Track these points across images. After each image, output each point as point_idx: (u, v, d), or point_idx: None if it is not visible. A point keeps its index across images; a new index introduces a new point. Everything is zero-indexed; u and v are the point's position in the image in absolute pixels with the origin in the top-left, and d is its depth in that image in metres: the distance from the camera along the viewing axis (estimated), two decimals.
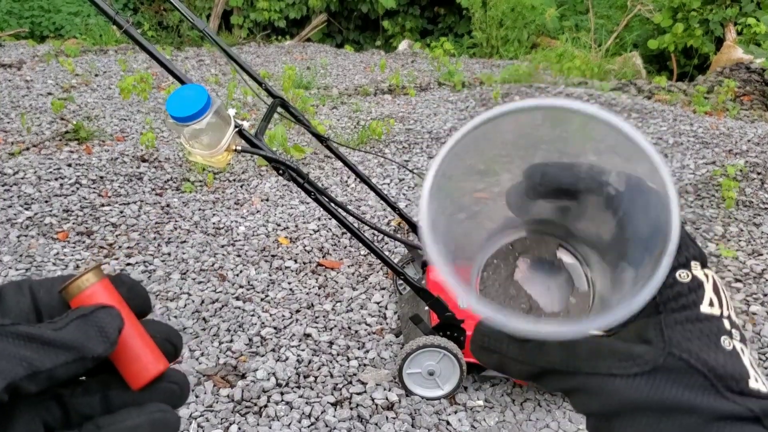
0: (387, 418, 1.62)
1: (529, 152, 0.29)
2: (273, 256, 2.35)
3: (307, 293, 2.14)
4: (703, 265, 0.28)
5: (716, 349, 0.26)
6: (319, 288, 2.17)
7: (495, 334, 0.29)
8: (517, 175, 0.29)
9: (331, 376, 1.77)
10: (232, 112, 1.38)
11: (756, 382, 0.27)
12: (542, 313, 0.31)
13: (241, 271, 2.24)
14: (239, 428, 1.57)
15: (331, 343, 1.90)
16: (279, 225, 2.56)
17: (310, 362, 1.81)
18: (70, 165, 2.98)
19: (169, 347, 0.29)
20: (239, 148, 1.38)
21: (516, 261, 0.33)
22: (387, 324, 2.00)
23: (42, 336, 0.24)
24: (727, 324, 0.27)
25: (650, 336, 0.26)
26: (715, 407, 0.25)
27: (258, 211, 2.69)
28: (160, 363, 0.29)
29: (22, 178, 2.81)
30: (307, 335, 1.93)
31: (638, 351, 0.26)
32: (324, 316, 2.02)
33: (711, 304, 0.27)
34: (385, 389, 1.71)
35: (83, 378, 0.29)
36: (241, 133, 1.38)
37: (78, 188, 2.76)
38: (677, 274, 0.27)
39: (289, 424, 1.59)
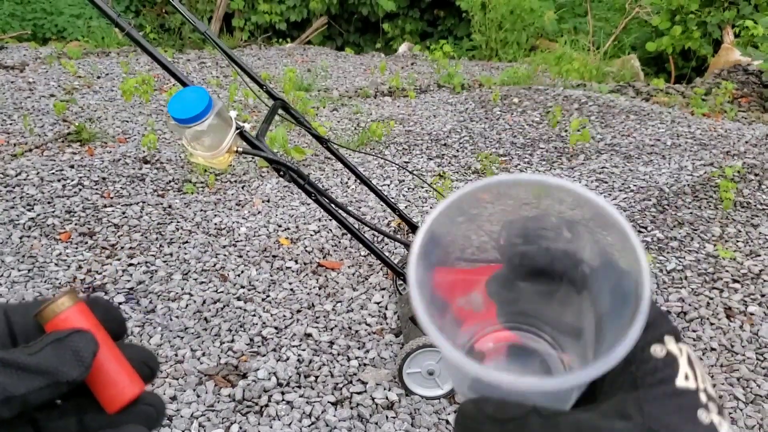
0: (387, 417, 1.63)
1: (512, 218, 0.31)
2: (274, 256, 2.36)
3: (308, 293, 2.15)
4: (677, 340, 0.29)
5: (693, 423, 0.26)
6: (320, 288, 2.19)
7: (475, 415, 0.28)
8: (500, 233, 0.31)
9: (332, 375, 1.78)
10: (233, 113, 1.40)
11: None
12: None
13: (242, 272, 2.26)
14: (240, 428, 1.59)
15: (331, 343, 1.91)
16: (280, 226, 2.58)
17: (310, 362, 1.83)
18: (72, 166, 2.99)
19: (145, 370, 0.29)
20: (240, 149, 1.39)
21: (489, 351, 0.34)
22: (387, 324, 2.02)
23: (16, 361, 0.24)
24: (703, 397, 0.27)
25: (630, 411, 0.27)
26: None
27: (259, 212, 2.70)
28: (136, 386, 0.29)
29: (24, 180, 2.82)
30: (308, 335, 1.94)
31: (619, 427, 0.26)
32: (324, 316, 2.04)
33: (686, 378, 0.27)
34: (385, 389, 1.73)
35: (58, 401, 0.28)
36: (242, 134, 1.40)
37: (80, 189, 2.77)
38: (652, 350, 0.28)
39: (290, 423, 1.61)
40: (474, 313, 0.32)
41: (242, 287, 2.18)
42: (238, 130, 1.37)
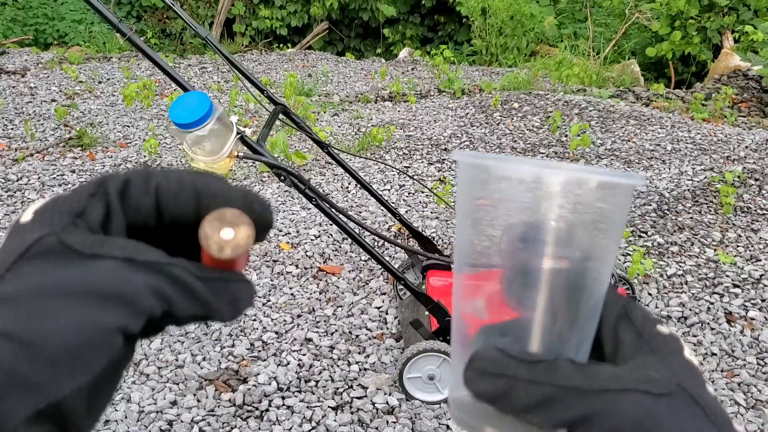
0: (387, 422, 1.63)
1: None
2: (274, 261, 2.36)
3: (308, 298, 2.15)
4: None
5: (705, 392, 0.27)
6: (320, 293, 2.19)
7: (499, 357, 0.27)
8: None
9: (332, 380, 1.78)
10: (234, 118, 1.40)
11: (738, 426, 0.29)
12: None
13: None
14: None
15: (332, 348, 1.91)
16: (280, 230, 2.58)
17: (311, 367, 1.82)
18: (73, 171, 3.00)
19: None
20: (241, 154, 1.40)
21: None
22: (387, 329, 2.01)
23: (190, 285, 0.25)
24: (705, 373, 0.29)
25: (658, 368, 0.27)
26: None
27: None
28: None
29: (26, 184, 2.83)
30: (308, 340, 1.94)
31: (654, 376, 0.26)
32: (325, 321, 2.04)
33: (690, 354, 0.29)
34: (385, 394, 1.72)
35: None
36: (243, 139, 1.40)
37: None
38: (658, 327, 0.29)
39: (290, 428, 1.60)
40: (477, 319, 0.32)
41: None
42: (239, 135, 1.37)
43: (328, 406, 1.67)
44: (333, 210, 1.58)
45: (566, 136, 3.73)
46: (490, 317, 0.32)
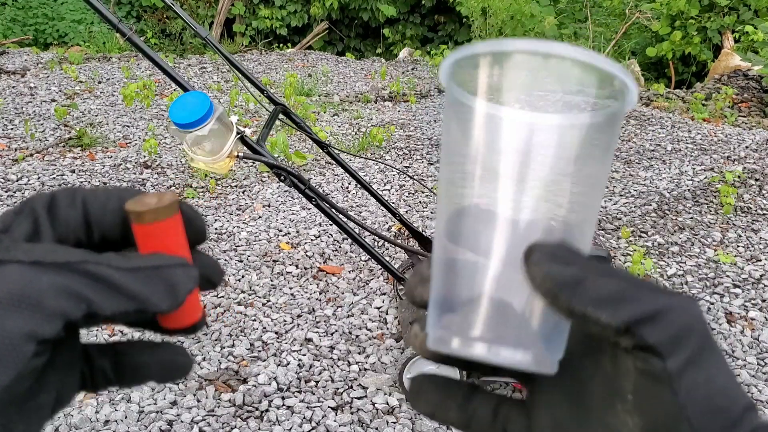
0: (387, 422, 1.63)
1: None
2: (274, 261, 2.36)
3: (308, 298, 2.15)
4: None
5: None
6: (320, 293, 2.18)
7: (568, 247, 0.25)
8: None
9: (332, 380, 1.78)
10: (234, 118, 1.40)
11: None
12: None
13: (242, 276, 2.26)
14: None
15: (332, 348, 1.91)
16: (280, 230, 2.58)
17: (311, 367, 1.82)
18: (73, 171, 3.00)
19: (207, 285, 0.28)
20: (241, 154, 1.40)
21: None
22: (387, 329, 2.01)
23: (108, 278, 0.23)
24: None
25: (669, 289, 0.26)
26: None
27: (260, 217, 2.71)
28: (197, 313, 0.27)
29: (25, 184, 2.83)
30: (308, 340, 1.94)
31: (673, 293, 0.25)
32: (325, 321, 2.03)
33: None
34: (385, 394, 1.72)
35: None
36: (243, 139, 1.40)
37: None
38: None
39: (290, 428, 1.60)
40: None
41: (243, 292, 2.18)
42: (239, 135, 1.37)
43: (328, 407, 1.67)
44: (333, 210, 1.58)
45: None
46: None
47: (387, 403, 1.69)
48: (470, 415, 0.29)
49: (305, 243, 2.48)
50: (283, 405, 1.68)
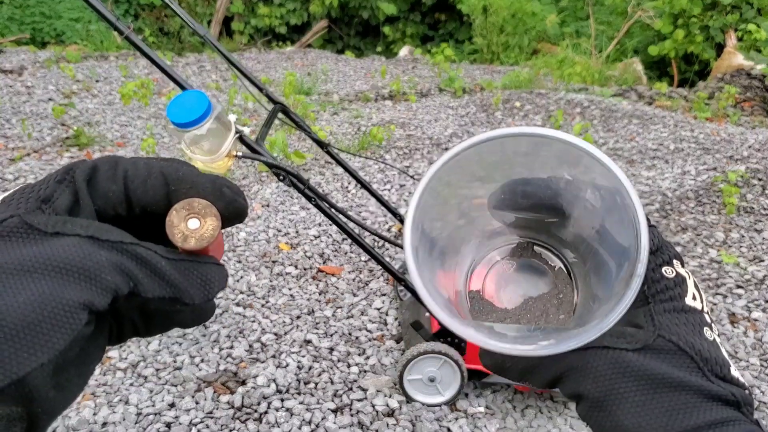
0: (388, 424, 1.61)
1: (507, 171, 0.31)
2: (273, 261, 2.34)
3: (308, 299, 2.13)
4: (682, 265, 0.31)
5: (700, 337, 0.28)
6: (320, 294, 2.17)
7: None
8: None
9: (332, 382, 1.76)
10: (233, 117, 1.38)
11: (736, 372, 0.29)
12: (526, 318, 0.33)
13: (241, 277, 2.24)
14: None
15: (331, 350, 1.89)
16: (279, 231, 2.56)
17: (310, 368, 1.80)
18: None
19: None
20: (240, 153, 1.37)
21: (504, 263, 0.35)
22: (388, 330, 1.99)
23: (156, 264, 0.25)
24: (707, 318, 0.29)
25: (640, 321, 0.28)
26: (704, 387, 0.27)
27: (259, 217, 2.69)
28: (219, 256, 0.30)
29: (22, 184, 2.81)
30: (308, 341, 1.92)
31: (630, 331, 0.28)
32: (324, 322, 2.01)
33: (694, 298, 0.30)
34: (385, 396, 1.71)
35: None
36: (241, 138, 1.38)
37: None
38: (663, 270, 0.30)
39: (290, 430, 1.58)
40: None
41: (241, 293, 2.16)
42: (238, 135, 1.35)
43: (328, 409, 1.65)
44: (332, 210, 1.56)
45: None
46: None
47: (387, 405, 1.67)
48: None
49: (304, 243, 2.46)
50: (282, 407, 1.66)
